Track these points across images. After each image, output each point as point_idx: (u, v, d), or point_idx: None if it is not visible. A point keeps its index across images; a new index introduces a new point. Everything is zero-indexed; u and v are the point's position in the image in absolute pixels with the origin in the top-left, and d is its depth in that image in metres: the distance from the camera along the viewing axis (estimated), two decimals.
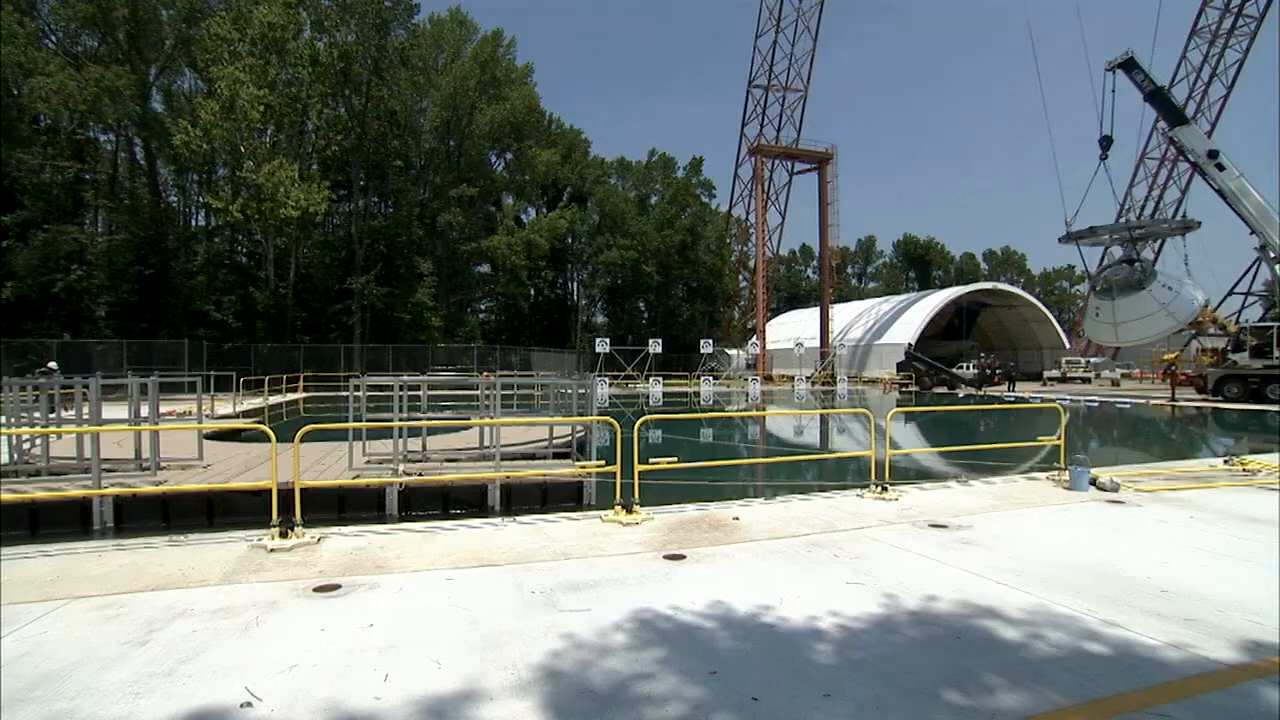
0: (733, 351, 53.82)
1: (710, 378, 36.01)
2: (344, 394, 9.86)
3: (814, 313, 59.65)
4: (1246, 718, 2.76)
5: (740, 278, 61.82)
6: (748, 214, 56.43)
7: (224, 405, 20.70)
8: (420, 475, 8.66)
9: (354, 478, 8.42)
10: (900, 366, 44.98)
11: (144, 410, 9.68)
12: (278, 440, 6.14)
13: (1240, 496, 7.62)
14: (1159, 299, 30.89)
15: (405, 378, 9.81)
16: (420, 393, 11.50)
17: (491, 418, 10.26)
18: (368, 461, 9.51)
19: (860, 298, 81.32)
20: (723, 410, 27.49)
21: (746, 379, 40.12)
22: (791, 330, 58.87)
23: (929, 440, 19.26)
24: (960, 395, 36.94)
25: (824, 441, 19.96)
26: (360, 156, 44.11)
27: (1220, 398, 28.00)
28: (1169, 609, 3.97)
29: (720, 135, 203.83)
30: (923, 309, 53.85)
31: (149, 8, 35.84)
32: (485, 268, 56.55)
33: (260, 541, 5.38)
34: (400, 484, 8.32)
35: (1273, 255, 28.91)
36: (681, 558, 5.02)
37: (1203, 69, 51.10)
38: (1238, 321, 30.39)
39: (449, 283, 51.51)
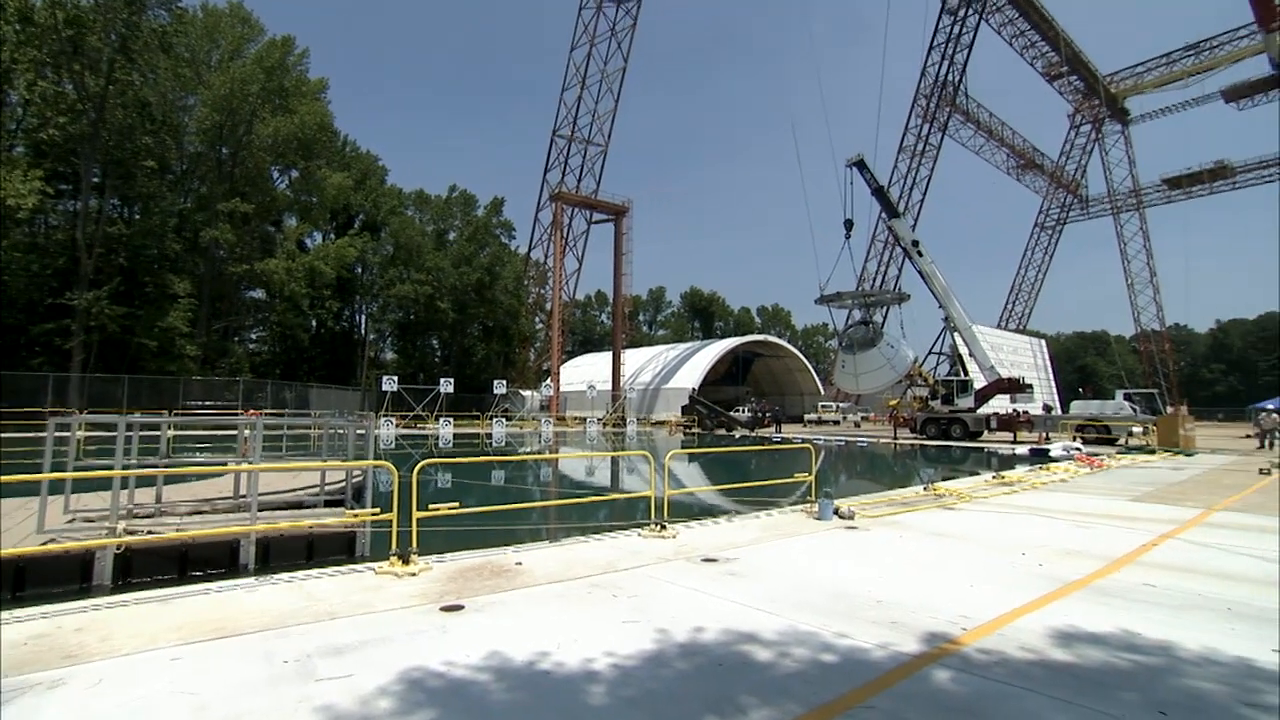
0: (527, 393, 53.54)
1: (503, 419, 35.47)
2: (44, 435, 7.93)
3: (607, 357, 61.94)
4: (921, 697, 3.38)
5: (537, 320, 62.06)
6: (546, 258, 57.32)
7: None
8: (148, 533, 7.22)
9: (45, 543, 6.75)
10: (685, 409, 48.46)
11: None
12: None
13: (931, 516, 9.45)
14: (885, 355, 38.02)
15: (139, 416, 8.16)
16: (160, 433, 9.67)
17: (251, 462, 8.96)
18: (71, 520, 7.70)
19: (650, 344, 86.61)
20: (515, 452, 27.09)
21: (540, 420, 40.16)
22: (585, 373, 60.44)
23: (709, 478, 20.89)
24: (737, 436, 40.75)
25: (614, 481, 20.61)
26: (96, 149, 36.28)
27: (924, 436, 35.02)
28: (881, 616, 4.74)
29: (522, 179, 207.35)
30: (705, 356, 58.88)
31: None
32: (259, 293, 49.81)
33: None
34: (118, 545, 6.83)
35: (953, 325, 37.41)
36: (460, 609, 4.80)
37: (907, 178, 64.88)
38: (935, 376, 38.28)
39: (212, 307, 44.40)
